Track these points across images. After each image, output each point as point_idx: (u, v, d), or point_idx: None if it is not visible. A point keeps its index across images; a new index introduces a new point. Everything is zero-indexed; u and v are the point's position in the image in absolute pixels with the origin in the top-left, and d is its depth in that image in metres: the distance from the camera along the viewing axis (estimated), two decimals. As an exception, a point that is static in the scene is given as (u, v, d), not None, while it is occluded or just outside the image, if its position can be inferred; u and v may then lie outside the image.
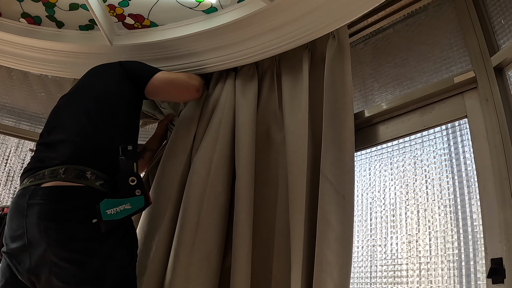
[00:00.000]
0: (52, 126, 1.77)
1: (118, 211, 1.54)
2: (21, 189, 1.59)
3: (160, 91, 2.04)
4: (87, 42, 2.33)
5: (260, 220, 1.89)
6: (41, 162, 1.62)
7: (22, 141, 2.70)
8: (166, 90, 2.06)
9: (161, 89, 2.03)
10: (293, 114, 1.96)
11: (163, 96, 2.16)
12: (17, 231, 1.50)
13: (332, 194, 1.71)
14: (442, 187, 1.71)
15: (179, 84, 2.07)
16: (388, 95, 2.03)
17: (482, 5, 1.82)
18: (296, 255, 1.67)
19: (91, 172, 1.58)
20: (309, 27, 1.97)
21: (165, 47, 2.26)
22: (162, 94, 2.12)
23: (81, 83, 1.96)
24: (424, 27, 2.00)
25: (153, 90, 2.00)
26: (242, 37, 2.12)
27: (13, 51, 2.43)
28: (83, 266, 1.46)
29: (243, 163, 1.92)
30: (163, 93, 2.09)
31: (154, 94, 2.05)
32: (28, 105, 2.71)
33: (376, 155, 2.02)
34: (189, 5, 2.13)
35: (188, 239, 1.81)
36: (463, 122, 1.73)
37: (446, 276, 1.58)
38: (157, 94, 2.07)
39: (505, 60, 1.62)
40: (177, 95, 2.16)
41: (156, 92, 2.03)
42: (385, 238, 1.84)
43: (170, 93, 2.11)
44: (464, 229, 1.60)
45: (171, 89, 2.07)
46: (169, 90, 2.07)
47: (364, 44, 2.25)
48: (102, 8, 2.16)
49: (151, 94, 2.02)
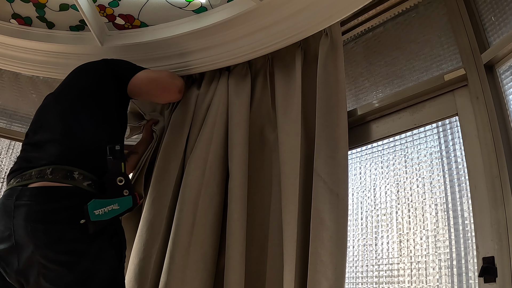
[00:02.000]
0: (38, 125, 1.76)
1: (106, 212, 1.53)
2: (8, 189, 1.58)
3: (141, 90, 2.02)
4: (78, 43, 2.33)
5: (253, 220, 1.89)
6: (28, 162, 1.61)
7: (14, 143, 2.69)
8: (147, 90, 2.04)
9: (142, 88, 2.01)
10: (286, 113, 1.95)
11: (145, 96, 2.12)
12: (4, 232, 1.49)
13: (326, 193, 1.71)
14: (433, 186, 1.70)
15: (161, 83, 2.06)
16: (379, 94, 2.02)
17: (472, 2, 1.82)
18: (289, 255, 1.66)
19: (79, 173, 1.57)
20: (300, 26, 1.97)
21: (156, 47, 2.26)
22: (144, 94, 2.09)
23: (66, 82, 1.95)
24: (414, 25, 1.99)
25: (135, 90, 1.99)
26: (233, 37, 2.12)
27: (4, 52, 2.43)
28: (72, 267, 1.45)
29: (237, 163, 1.92)
30: (145, 93, 2.06)
31: (136, 94, 2.03)
32: (20, 106, 2.69)
33: (367, 154, 2.01)
34: (179, 5, 2.13)
35: (184, 241, 1.81)
36: (454, 120, 1.72)
37: (438, 275, 1.57)
38: (139, 94, 2.04)
39: (496, 57, 1.61)
40: (159, 95, 2.13)
41: (137, 91, 2.01)
42: (376, 238, 1.83)
43: (152, 93, 2.08)
44: (455, 227, 1.59)
45: (153, 89, 2.05)
46: (151, 90, 2.05)
47: (354, 43, 2.25)
48: (92, 8, 2.16)
49: (133, 93, 2.00)
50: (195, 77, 2.35)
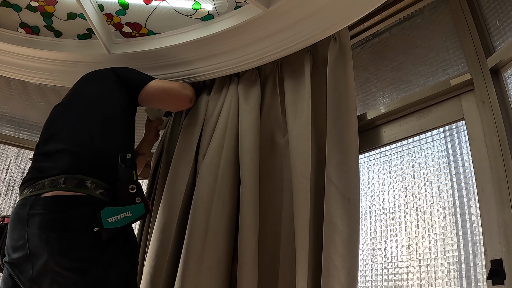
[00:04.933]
0: (49, 136, 1.77)
1: (119, 219, 1.54)
2: (22, 199, 1.60)
3: (153, 99, 2.06)
4: (85, 51, 2.34)
5: (265, 225, 1.89)
6: (41, 172, 1.63)
7: (22, 151, 2.71)
8: (159, 99, 2.08)
9: (155, 97, 2.04)
10: (296, 118, 1.96)
11: (156, 104, 2.17)
12: (18, 241, 1.51)
13: (338, 197, 1.71)
14: (440, 190, 1.72)
15: (173, 94, 2.10)
16: (386, 99, 2.03)
17: (477, 7, 1.82)
18: (302, 260, 1.66)
19: (91, 181, 1.59)
20: (308, 32, 1.98)
21: (163, 55, 2.28)
22: (155, 103, 2.13)
23: (74, 91, 1.96)
24: (420, 30, 2.00)
25: (147, 98, 2.02)
26: (240, 44, 2.13)
27: (11, 61, 2.44)
28: (85, 274, 1.47)
29: (248, 168, 1.92)
30: (157, 101, 2.11)
31: (147, 102, 2.05)
32: (28, 114, 2.71)
33: (375, 158, 2.02)
34: (186, 13, 2.14)
35: (197, 247, 1.81)
36: (461, 125, 1.73)
37: (447, 278, 1.58)
38: (150, 102, 2.08)
39: (501, 62, 1.61)
40: (170, 104, 2.19)
41: (149, 100, 2.05)
42: (385, 241, 1.84)
43: (163, 102, 2.13)
44: (463, 231, 1.60)
45: (165, 98, 2.10)
46: (162, 99, 2.09)
47: (361, 49, 2.26)
48: (99, 17, 2.18)
49: (144, 101, 2.03)
50: (206, 83, 2.36)
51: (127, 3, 2.12)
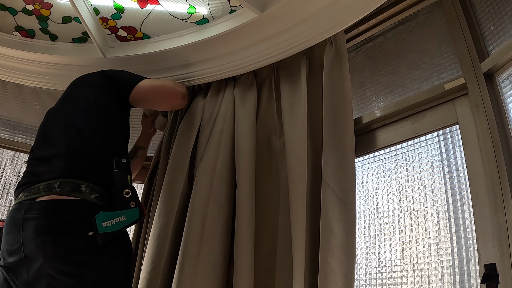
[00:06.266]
0: (43, 140, 1.78)
1: (114, 224, 1.55)
2: (17, 203, 1.60)
3: (145, 98, 2.02)
4: (80, 55, 2.35)
5: (262, 229, 1.89)
6: (36, 176, 1.63)
7: (18, 154, 2.71)
8: (152, 98, 2.04)
9: (146, 96, 2.00)
10: (292, 121, 1.96)
11: (148, 104, 2.13)
12: (13, 245, 1.51)
13: (335, 201, 1.71)
14: (434, 194, 1.72)
15: (165, 91, 2.03)
16: (380, 103, 2.04)
17: (471, 11, 1.83)
18: (299, 264, 1.67)
19: (86, 186, 1.59)
20: (304, 36, 1.98)
21: (159, 58, 2.28)
22: (148, 102, 2.09)
23: (66, 95, 1.96)
24: (414, 34, 2.01)
25: (139, 98, 1.98)
26: (236, 48, 2.14)
27: (7, 64, 2.44)
28: (80, 278, 1.47)
29: (244, 172, 1.92)
30: (149, 101, 2.06)
31: (139, 102, 2.02)
32: (23, 117, 2.71)
33: (369, 162, 2.02)
34: (181, 16, 2.15)
35: (193, 251, 1.81)
36: (455, 129, 1.73)
37: (441, 283, 1.59)
38: (143, 102, 2.04)
39: (495, 66, 1.62)
40: (163, 103, 2.12)
41: (141, 100, 2.00)
42: (379, 245, 1.84)
43: (156, 100, 2.07)
44: (457, 235, 1.60)
45: (157, 97, 2.04)
46: (155, 98, 2.04)
47: (356, 53, 2.26)
48: (95, 21, 2.18)
49: (136, 102, 1.99)
50: (202, 87, 2.36)
51: (122, 7, 2.13)
